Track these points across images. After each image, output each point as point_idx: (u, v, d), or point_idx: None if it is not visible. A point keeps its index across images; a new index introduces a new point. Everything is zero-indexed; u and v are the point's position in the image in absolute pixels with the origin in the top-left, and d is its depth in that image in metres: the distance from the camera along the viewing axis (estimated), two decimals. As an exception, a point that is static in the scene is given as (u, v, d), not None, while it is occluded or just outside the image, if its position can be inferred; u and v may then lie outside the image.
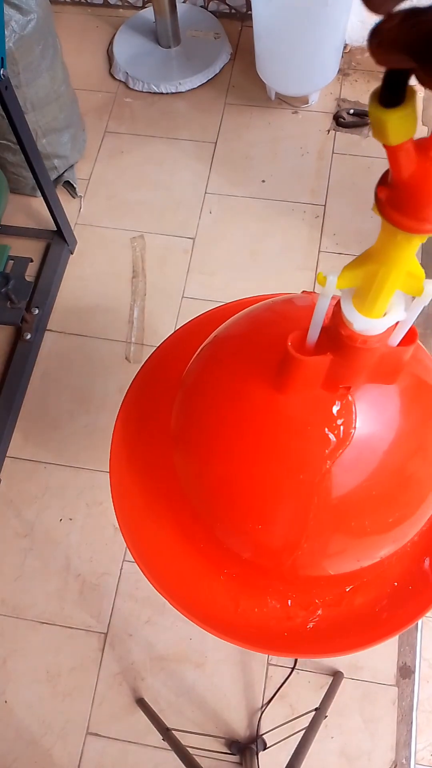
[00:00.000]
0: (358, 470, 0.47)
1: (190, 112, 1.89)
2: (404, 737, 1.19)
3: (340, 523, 0.49)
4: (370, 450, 0.47)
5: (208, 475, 0.53)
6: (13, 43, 1.37)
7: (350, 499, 0.47)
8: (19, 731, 1.24)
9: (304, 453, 0.47)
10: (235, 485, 0.51)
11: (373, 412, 0.46)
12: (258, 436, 0.49)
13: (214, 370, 0.54)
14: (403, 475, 0.49)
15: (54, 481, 1.43)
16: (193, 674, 1.25)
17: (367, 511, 0.49)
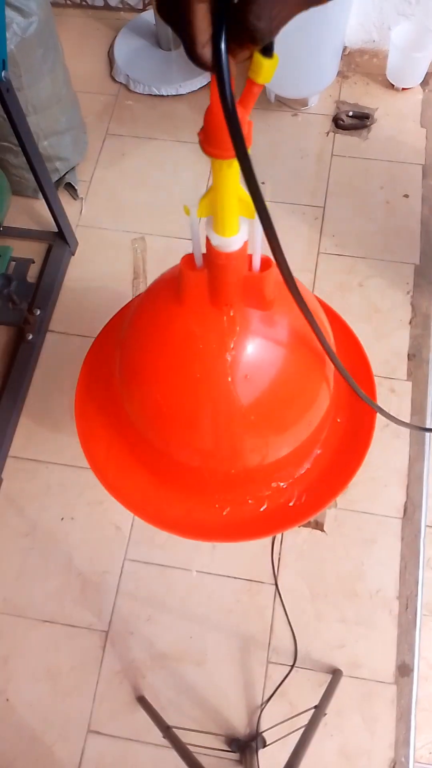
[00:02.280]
0: (253, 381, 0.60)
1: (190, 114, 1.90)
2: (403, 736, 1.20)
3: (247, 424, 0.62)
4: (259, 361, 0.59)
5: (138, 394, 0.67)
6: (14, 46, 1.38)
7: (250, 405, 0.60)
8: (20, 729, 1.24)
9: (206, 362, 0.59)
10: (158, 397, 0.63)
11: (257, 331, 0.58)
12: (168, 347, 0.61)
13: (138, 307, 0.68)
14: (288, 387, 0.63)
15: (55, 481, 1.43)
16: (193, 672, 1.26)
17: (264, 415, 0.62)
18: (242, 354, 0.58)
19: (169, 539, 1.36)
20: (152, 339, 0.62)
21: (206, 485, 0.74)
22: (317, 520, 1.35)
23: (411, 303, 1.56)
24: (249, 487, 0.76)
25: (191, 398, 0.62)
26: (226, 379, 0.59)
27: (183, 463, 0.70)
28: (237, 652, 1.27)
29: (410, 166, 1.74)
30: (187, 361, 0.60)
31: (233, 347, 0.58)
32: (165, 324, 0.61)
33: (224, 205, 0.46)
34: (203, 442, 0.65)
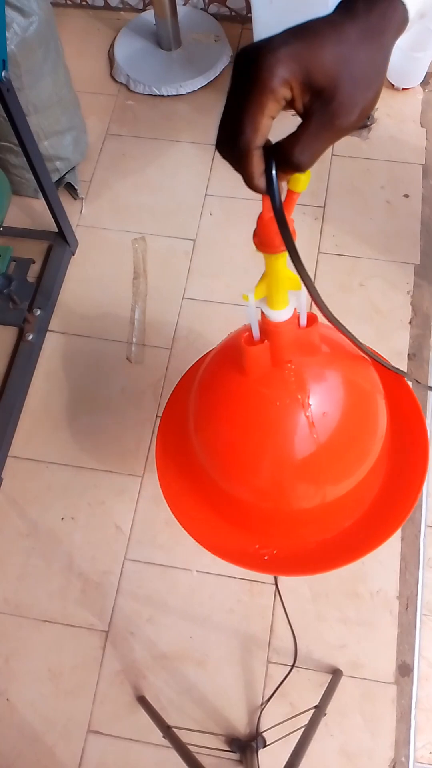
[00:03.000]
0: (326, 419, 0.67)
1: (191, 115, 1.90)
2: (403, 735, 1.20)
3: (305, 470, 0.69)
4: (325, 401, 0.67)
5: (211, 447, 0.77)
6: (15, 46, 1.38)
7: (312, 455, 0.68)
8: (22, 729, 1.24)
9: (272, 416, 0.67)
10: (228, 449, 0.73)
11: (317, 376, 0.67)
12: (236, 410, 0.70)
13: (206, 374, 0.77)
14: (352, 420, 0.70)
15: (56, 481, 1.44)
16: (194, 672, 1.26)
17: (338, 451, 0.70)
18: (312, 397, 0.66)
19: (169, 539, 1.36)
20: (226, 408, 0.72)
21: (274, 523, 0.82)
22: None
23: (411, 303, 1.56)
24: (315, 525, 0.82)
25: (272, 451, 0.70)
26: (303, 425, 0.66)
27: (262, 510, 0.78)
28: (237, 652, 1.27)
29: (410, 166, 1.74)
30: (262, 419, 0.68)
31: (303, 394, 0.66)
32: (232, 391, 0.70)
33: (278, 287, 0.58)
34: (282, 487, 0.72)
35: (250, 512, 0.80)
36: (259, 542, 0.85)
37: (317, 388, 0.67)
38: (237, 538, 0.86)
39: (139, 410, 1.50)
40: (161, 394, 1.51)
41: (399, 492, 0.82)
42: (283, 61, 0.40)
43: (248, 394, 0.69)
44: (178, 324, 1.59)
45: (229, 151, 0.45)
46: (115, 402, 1.51)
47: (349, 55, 0.40)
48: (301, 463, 0.68)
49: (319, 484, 0.72)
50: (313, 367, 0.68)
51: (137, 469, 1.44)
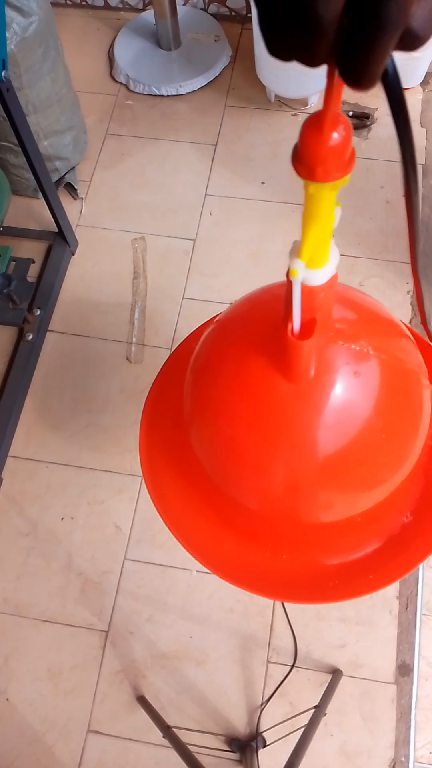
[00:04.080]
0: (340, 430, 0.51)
1: (190, 115, 1.90)
2: (403, 735, 1.20)
3: (326, 478, 0.54)
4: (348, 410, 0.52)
5: (217, 445, 0.60)
6: (14, 46, 1.38)
7: (335, 458, 0.52)
8: (21, 729, 1.24)
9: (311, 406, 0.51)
10: (240, 453, 0.57)
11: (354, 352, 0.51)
12: (261, 414, 0.53)
13: (215, 352, 0.59)
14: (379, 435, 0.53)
15: (56, 480, 1.43)
16: (193, 672, 1.26)
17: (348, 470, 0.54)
18: (354, 371, 0.51)
19: (169, 539, 1.36)
20: (249, 414, 0.54)
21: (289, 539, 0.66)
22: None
23: (411, 303, 1.56)
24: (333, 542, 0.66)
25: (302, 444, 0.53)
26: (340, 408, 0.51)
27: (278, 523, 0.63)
28: (237, 651, 1.27)
29: (410, 166, 1.74)
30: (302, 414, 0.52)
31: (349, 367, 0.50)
32: (260, 390, 0.53)
33: (327, 235, 0.42)
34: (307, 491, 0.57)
35: (259, 525, 0.65)
36: (273, 563, 0.68)
37: (356, 360, 0.50)
38: (242, 553, 0.68)
39: (138, 410, 1.50)
40: (161, 394, 1.51)
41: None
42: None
43: (294, 398, 0.51)
44: (177, 324, 1.59)
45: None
46: (114, 402, 1.51)
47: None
48: (345, 454, 0.52)
49: (353, 489, 0.57)
50: (354, 324, 0.52)
51: (137, 468, 1.44)
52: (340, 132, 0.34)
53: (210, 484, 0.66)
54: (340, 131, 0.34)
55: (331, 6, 0.23)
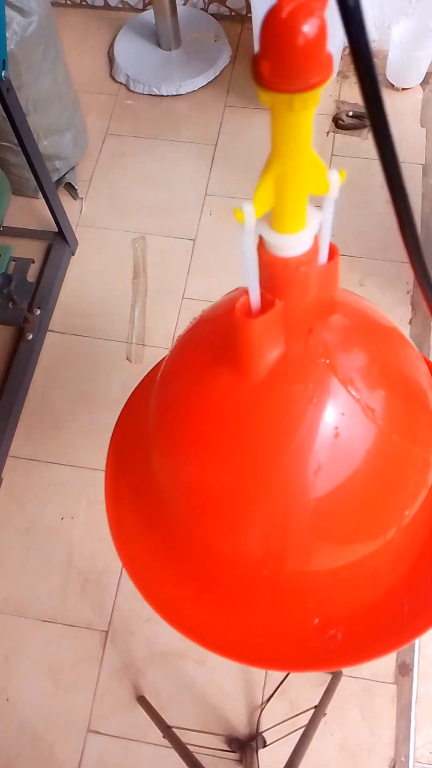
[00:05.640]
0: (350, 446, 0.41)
1: (190, 114, 1.90)
2: (403, 734, 1.20)
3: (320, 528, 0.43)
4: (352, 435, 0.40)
5: (178, 475, 0.50)
6: (14, 45, 1.38)
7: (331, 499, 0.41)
8: (21, 728, 1.24)
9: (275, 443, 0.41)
10: (205, 486, 0.46)
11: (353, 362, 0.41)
12: (218, 428, 0.44)
13: (173, 363, 0.51)
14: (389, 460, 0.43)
15: (56, 480, 1.43)
16: (193, 671, 1.26)
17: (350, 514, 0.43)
18: (362, 386, 0.41)
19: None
20: (205, 430, 0.45)
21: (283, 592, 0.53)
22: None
23: (411, 302, 1.56)
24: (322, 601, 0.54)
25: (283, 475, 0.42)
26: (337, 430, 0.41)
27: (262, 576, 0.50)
28: (237, 651, 1.27)
29: (410, 166, 1.74)
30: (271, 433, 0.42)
31: (345, 381, 0.40)
32: (222, 406, 0.44)
33: (299, 183, 0.31)
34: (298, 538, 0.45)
35: (236, 578, 0.53)
36: (246, 626, 0.55)
37: (356, 369, 0.41)
38: (217, 614, 0.56)
39: (138, 409, 1.50)
40: (161, 394, 1.51)
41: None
42: None
43: (250, 402, 0.42)
44: (177, 323, 1.59)
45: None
46: (114, 401, 1.51)
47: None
48: (332, 498, 0.41)
49: (356, 530, 0.45)
50: (345, 331, 0.43)
51: (137, 468, 1.43)
52: (301, 21, 0.24)
53: (177, 530, 0.54)
54: (303, 21, 0.24)
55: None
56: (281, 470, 0.42)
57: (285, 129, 0.29)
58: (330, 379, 0.40)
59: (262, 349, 0.39)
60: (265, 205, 0.33)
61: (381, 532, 0.46)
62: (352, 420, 0.40)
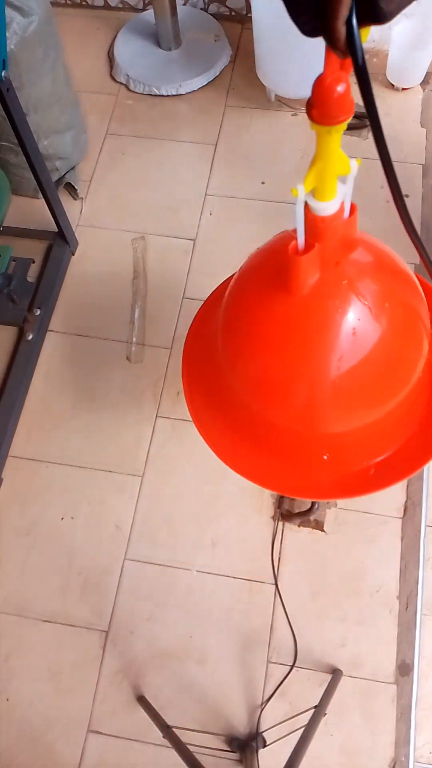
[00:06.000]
0: (369, 334, 0.62)
1: (190, 114, 1.90)
2: (403, 735, 1.20)
3: (347, 388, 0.65)
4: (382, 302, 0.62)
5: (242, 364, 0.72)
6: (14, 45, 1.38)
7: (343, 370, 0.63)
8: (22, 728, 1.24)
9: (330, 328, 0.62)
10: (265, 371, 0.68)
11: (366, 282, 0.61)
12: (280, 330, 0.64)
13: (238, 289, 0.72)
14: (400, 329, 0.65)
15: (56, 480, 1.44)
16: (193, 671, 1.26)
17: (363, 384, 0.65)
18: (369, 299, 0.61)
19: (169, 538, 1.36)
20: (263, 332, 0.66)
21: (308, 444, 0.78)
22: (317, 520, 1.35)
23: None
24: (351, 450, 0.78)
25: (318, 364, 0.64)
26: (356, 328, 0.61)
27: (298, 435, 0.74)
28: (237, 651, 1.27)
29: (410, 166, 1.74)
30: (311, 332, 0.63)
31: (357, 296, 0.61)
32: (285, 313, 0.63)
33: (331, 171, 0.52)
34: (326, 404, 0.67)
35: (285, 437, 0.76)
36: (292, 471, 0.82)
37: (369, 286, 0.61)
38: (269, 463, 0.82)
39: (138, 410, 1.50)
40: (161, 394, 1.51)
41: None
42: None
43: (297, 312, 0.62)
44: (177, 323, 1.59)
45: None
46: (114, 401, 1.51)
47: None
48: (352, 374, 0.62)
49: (369, 398, 0.67)
50: (361, 264, 0.62)
51: (137, 468, 1.44)
52: (335, 87, 0.45)
53: (243, 408, 0.77)
54: (336, 87, 0.45)
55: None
56: (316, 357, 0.63)
57: (325, 143, 0.50)
58: (350, 295, 0.60)
59: (305, 276, 0.59)
60: (310, 185, 0.52)
61: (381, 403, 0.69)
62: (364, 323, 0.61)
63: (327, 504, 1.36)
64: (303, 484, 0.81)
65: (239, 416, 0.80)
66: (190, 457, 1.44)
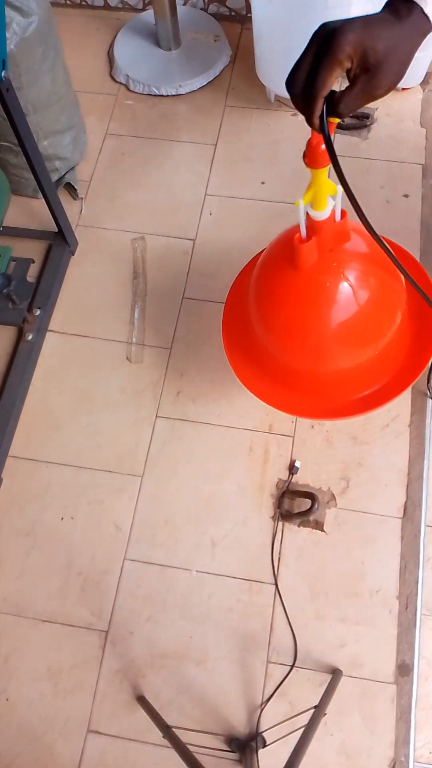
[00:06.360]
0: (363, 292, 0.94)
1: (190, 115, 1.90)
2: (403, 735, 1.20)
3: (343, 337, 0.98)
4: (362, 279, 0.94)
5: (271, 326, 1.05)
6: (14, 45, 1.38)
7: (351, 319, 0.95)
8: (21, 728, 1.24)
9: (325, 296, 0.94)
10: (285, 327, 1.02)
11: (353, 257, 0.93)
12: (291, 295, 0.98)
13: (262, 270, 1.04)
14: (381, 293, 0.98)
15: (55, 480, 1.44)
16: (193, 672, 1.26)
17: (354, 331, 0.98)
18: (350, 273, 0.92)
19: (168, 539, 1.36)
20: (283, 296, 0.99)
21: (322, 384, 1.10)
22: (317, 520, 1.35)
23: (411, 303, 1.57)
24: (348, 384, 1.09)
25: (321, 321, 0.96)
26: (345, 295, 0.93)
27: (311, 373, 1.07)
28: (237, 651, 1.27)
29: (410, 166, 1.74)
30: (313, 297, 0.95)
31: (344, 272, 0.92)
32: (290, 283, 0.96)
33: (322, 193, 0.80)
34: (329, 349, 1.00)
35: (303, 377, 1.09)
36: (309, 399, 1.13)
37: (353, 266, 0.93)
38: (290, 396, 1.14)
39: (138, 410, 1.50)
40: (161, 394, 1.51)
41: (416, 363, 1.08)
42: (351, 44, 0.60)
43: (304, 284, 0.94)
44: (177, 324, 1.59)
45: (300, 98, 0.66)
46: (114, 402, 1.51)
47: (393, 47, 0.62)
48: (342, 327, 0.96)
49: (357, 345, 1.00)
50: (348, 251, 0.92)
51: (137, 468, 1.44)
52: (319, 147, 0.73)
53: (269, 356, 1.10)
54: (320, 147, 0.73)
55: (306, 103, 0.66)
56: (319, 313, 0.96)
57: (316, 176, 0.78)
58: (339, 274, 0.92)
59: (306, 258, 0.89)
60: (308, 200, 0.81)
61: (366, 347, 1.01)
62: (349, 291, 0.93)
63: (327, 504, 1.36)
64: (314, 409, 1.13)
65: (266, 362, 1.13)
66: (190, 457, 1.44)
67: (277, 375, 1.13)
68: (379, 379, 1.09)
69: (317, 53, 0.62)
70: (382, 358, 1.05)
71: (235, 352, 1.19)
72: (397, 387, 1.08)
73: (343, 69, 0.62)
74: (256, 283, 1.05)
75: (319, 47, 0.62)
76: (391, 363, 1.09)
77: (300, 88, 0.65)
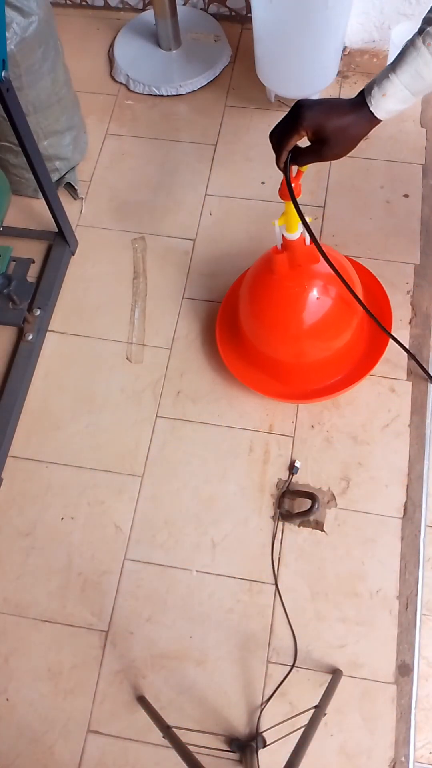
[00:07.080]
0: (321, 302, 1.25)
1: (190, 115, 1.90)
2: (403, 735, 1.20)
3: (311, 335, 1.30)
4: (321, 291, 1.24)
5: (254, 322, 1.36)
6: (14, 46, 1.38)
7: (315, 323, 1.27)
8: (21, 729, 1.24)
9: (292, 300, 1.26)
10: (265, 323, 1.33)
11: (316, 275, 1.23)
12: (270, 297, 1.28)
13: (249, 276, 1.35)
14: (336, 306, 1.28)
15: (55, 481, 1.44)
16: (193, 672, 1.26)
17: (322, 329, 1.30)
18: (315, 286, 1.22)
19: (169, 539, 1.36)
20: (262, 293, 1.29)
21: (295, 372, 1.40)
22: (317, 520, 1.35)
23: (411, 303, 1.56)
24: (317, 373, 1.39)
25: (293, 321, 1.28)
26: (311, 303, 1.24)
27: (289, 363, 1.37)
28: (237, 651, 1.27)
29: (410, 166, 1.74)
30: (286, 301, 1.26)
31: (309, 284, 1.22)
32: (268, 286, 1.27)
33: (291, 219, 1.07)
34: (300, 344, 1.32)
35: (280, 366, 1.37)
36: (286, 386, 1.42)
37: (316, 281, 1.22)
38: (273, 384, 1.42)
39: (138, 410, 1.50)
40: (161, 394, 1.51)
41: (372, 356, 1.40)
42: (308, 120, 0.87)
43: (276, 286, 1.24)
44: (177, 324, 1.59)
45: (273, 148, 0.96)
46: (114, 402, 1.51)
47: (342, 129, 0.88)
48: (310, 328, 1.27)
49: (323, 341, 1.31)
50: (314, 268, 1.21)
51: (137, 468, 1.44)
52: (284, 185, 1.01)
53: (254, 348, 1.39)
54: (285, 185, 1.00)
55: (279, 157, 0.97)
56: (294, 314, 1.27)
57: (288, 207, 1.07)
58: (305, 285, 1.23)
59: (280, 266, 1.20)
60: (282, 222, 1.10)
61: (331, 342, 1.32)
62: (314, 299, 1.24)
63: (327, 504, 1.36)
64: (289, 394, 1.42)
65: (251, 354, 1.41)
66: (190, 457, 1.44)
67: (259, 364, 1.41)
68: (342, 369, 1.39)
69: (288, 120, 0.89)
70: (345, 352, 1.36)
71: (226, 346, 1.47)
72: (357, 374, 1.38)
73: (301, 136, 0.89)
74: (245, 284, 1.37)
75: (291, 116, 0.89)
76: (352, 356, 1.39)
77: (274, 142, 0.94)
